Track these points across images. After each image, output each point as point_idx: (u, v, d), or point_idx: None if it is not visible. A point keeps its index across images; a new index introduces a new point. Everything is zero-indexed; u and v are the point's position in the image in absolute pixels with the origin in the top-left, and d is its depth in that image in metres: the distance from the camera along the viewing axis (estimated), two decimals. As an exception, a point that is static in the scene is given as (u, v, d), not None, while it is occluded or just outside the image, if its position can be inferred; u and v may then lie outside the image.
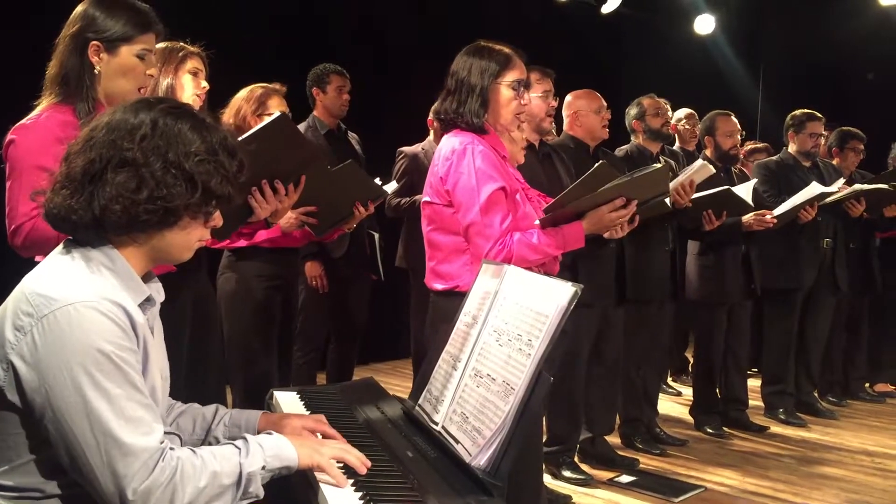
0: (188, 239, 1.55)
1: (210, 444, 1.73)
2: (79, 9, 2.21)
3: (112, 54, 2.19)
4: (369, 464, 1.61)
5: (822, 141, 5.14)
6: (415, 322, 4.58)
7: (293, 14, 5.66)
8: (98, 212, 1.43)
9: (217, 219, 1.59)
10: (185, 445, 1.64)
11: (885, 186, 4.94)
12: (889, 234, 5.54)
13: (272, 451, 1.52)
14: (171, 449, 1.43)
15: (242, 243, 3.21)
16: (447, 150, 2.50)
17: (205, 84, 2.74)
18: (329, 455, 1.58)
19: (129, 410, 1.38)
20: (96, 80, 2.19)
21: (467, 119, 2.50)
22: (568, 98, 4.03)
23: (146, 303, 1.54)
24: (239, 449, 1.50)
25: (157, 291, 1.63)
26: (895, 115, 6.27)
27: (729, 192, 4.16)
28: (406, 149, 4.56)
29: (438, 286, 2.54)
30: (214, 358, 2.92)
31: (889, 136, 5.89)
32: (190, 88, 2.71)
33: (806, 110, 5.02)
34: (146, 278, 1.59)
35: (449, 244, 2.52)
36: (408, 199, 4.36)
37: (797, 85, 7.22)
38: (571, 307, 1.58)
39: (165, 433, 1.60)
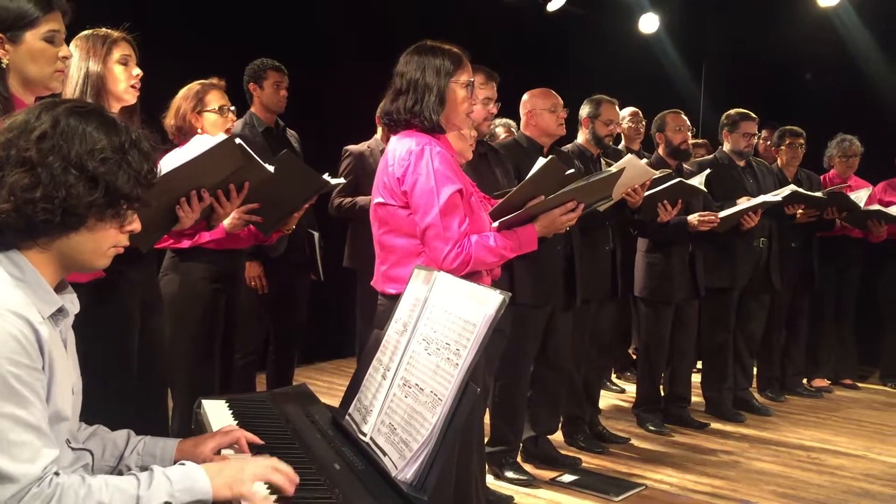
0: (99, 244, 1.48)
1: (121, 472, 1.64)
2: None
3: (17, 43, 2.06)
4: (297, 480, 1.52)
5: (755, 141, 5.22)
6: (361, 323, 4.53)
7: (235, 9, 5.54)
8: None
9: (134, 223, 1.52)
10: (94, 467, 1.57)
11: (819, 195, 5.04)
12: (828, 234, 5.64)
13: (181, 483, 1.41)
14: (56, 474, 1.34)
15: (186, 244, 3.13)
16: (403, 151, 2.44)
17: (137, 71, 2.63)
18: (252, 478, 1.47)
19: (11, 434, 1.30)
20: (6, 74, 2.08)
21: (426, 117, 2.46)
22: (524, 97, 4.01)
23: (58, 314, 1.47)
24: (139, 480, 1.40)
25: (71, 302, 1.56)
26: (832, 114, 6.38)
27: (681, 184, 4.23)
28: (352, 147, 4.49)
29: (391, 290, 2.48)
30: (158, 374, 2.84)
31: (826, 134, 5.99)
32: (123, 80, 2.58)
33: (740, 110, 5.09)
34: (59, 288, 1.52)
35: (403, 247, 2.47)
36: (350, 199, 4.29)
37: (738, 84, 7.31)
38: (499, 316, 1.54)
39: (76, 450, 1.53)
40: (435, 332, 1.68)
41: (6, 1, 2.04)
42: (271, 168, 2.65)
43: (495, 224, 2.60)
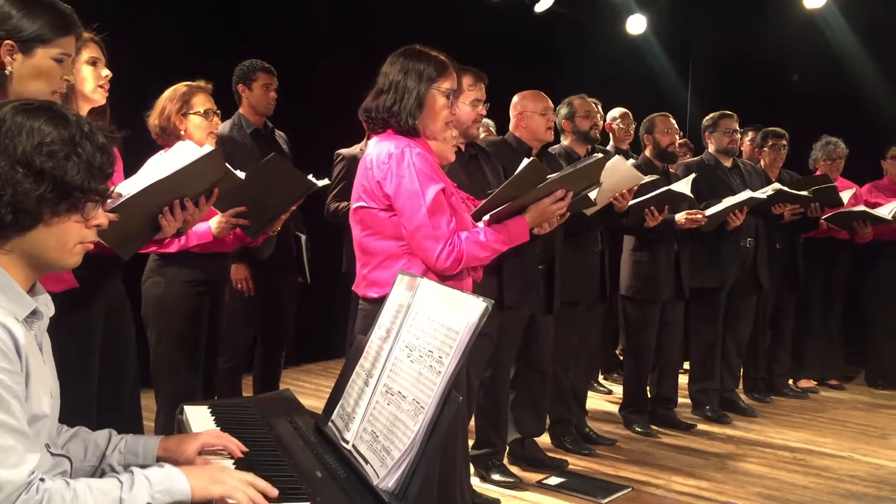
0: (62, 240, 1.46)
1: (104, 471, 1.65)
2: None
3: (27, 55, 2.05)
4: (275, 493, 1.53)
5: (739, 137, 5.23)
6: (353, 328, 4.50)
7: (224, 10, 5.52)
8: None
9: (99, 217, 1.50)
10: (75, 471, 1.56)
11: (805, 193, 5.06)
12: (813, 234, 5.66)
13: (161, 485, 1.43)
14: (42, 480, 1.34)
15: (174, 247, 3.09)
16: (383, 153, 2.43)
17: (106, 72, 2.60)
18: (233, 483, 1.49)
19: None
20: (7, 80, 2.06)
21: (402, 118, 2.45)
22: (514, 98, 4.00)
23: (32, 316, 1.46)
24: (121, 483, 1.41)
25: (45, 304, 1.55)
26: (819, 115, 6.40)
27: (669, 192, 4.25)
28: (343, 151, 4.46)
29: (373, 294, 2.47)
30: (129, 374, 2.81)
31: (813, 135, 6.01)
32: (91, 80, 2.56)
33: (720, 111, 5.12)
34: (32, 291, 1.50)
35: (384, 250, 2.46)
36: (346, 204, 4.27)
37: (725, 85, 7.35)
38: (482, 323, 1.54)
39: (55, 455, 1.52)
40: (418, 339, 1.67)
41: (28, 17, 2.02)
42: (242, 174, 2.65)
43: (486, 218, 2.60)
